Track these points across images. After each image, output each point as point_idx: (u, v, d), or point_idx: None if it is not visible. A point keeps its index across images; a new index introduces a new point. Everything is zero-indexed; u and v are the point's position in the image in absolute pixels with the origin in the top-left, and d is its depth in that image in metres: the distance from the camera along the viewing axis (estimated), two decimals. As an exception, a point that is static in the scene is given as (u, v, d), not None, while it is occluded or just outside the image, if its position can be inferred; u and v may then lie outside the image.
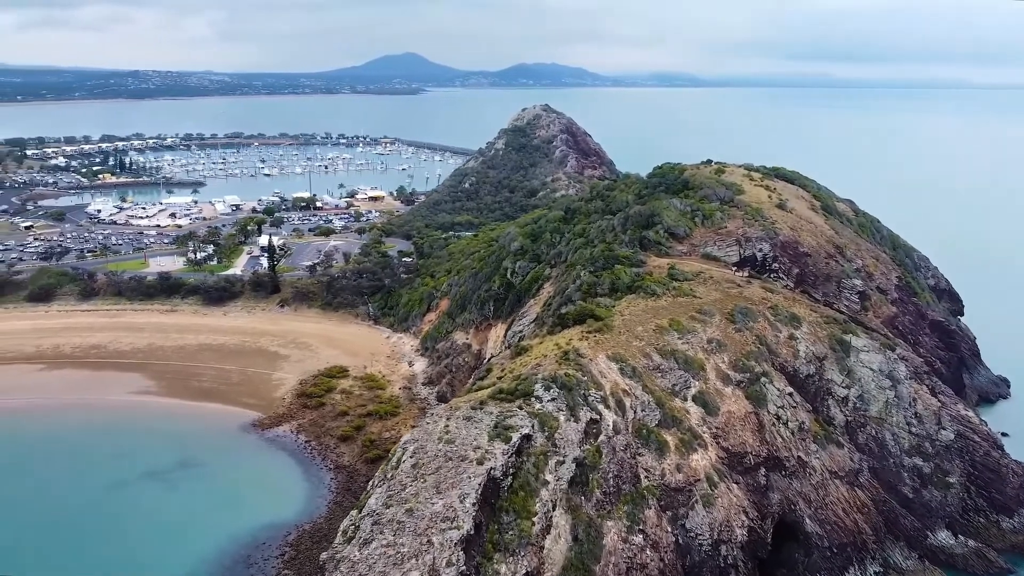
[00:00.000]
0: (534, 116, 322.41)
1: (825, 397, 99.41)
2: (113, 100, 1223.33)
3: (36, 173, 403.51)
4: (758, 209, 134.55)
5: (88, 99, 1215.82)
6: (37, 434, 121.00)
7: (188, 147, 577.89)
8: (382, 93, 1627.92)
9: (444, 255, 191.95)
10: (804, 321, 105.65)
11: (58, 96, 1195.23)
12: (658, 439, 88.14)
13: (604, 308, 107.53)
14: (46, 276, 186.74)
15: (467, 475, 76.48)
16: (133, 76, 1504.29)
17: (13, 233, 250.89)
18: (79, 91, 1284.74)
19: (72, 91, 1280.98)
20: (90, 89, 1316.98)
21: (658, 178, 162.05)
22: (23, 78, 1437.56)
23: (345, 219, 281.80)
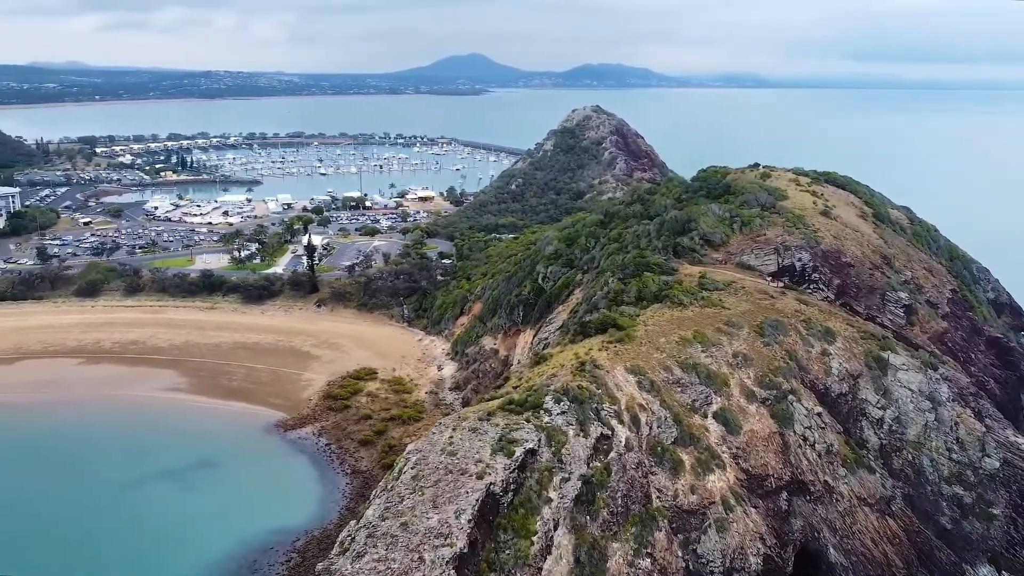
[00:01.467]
0: (584, 117, 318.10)
1: (858, 418, 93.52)
2: (185, 100, 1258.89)
3: (103, 170, 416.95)
4: (800, 216, 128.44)
5: (162, 99, 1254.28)
6: (63, 429, 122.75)
7: (250, 146, 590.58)
8: (445, 94, 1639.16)
9: (482, 257, 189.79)
10: (839, 336, 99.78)
11: (133, 96, 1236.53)
12: (673, 458, 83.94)
13: (627, 317, 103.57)
14: (94, 271, 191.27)
15: (465, 490, 73.80)
16: (205, 77, 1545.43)
17: (72, 228, 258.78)
18: (154, 91, 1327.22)
19: (147, 91, 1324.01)
20: (164, 89, 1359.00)
21: (700, 182, 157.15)
22: (103, 78, 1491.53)
23: (393, 219, 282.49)
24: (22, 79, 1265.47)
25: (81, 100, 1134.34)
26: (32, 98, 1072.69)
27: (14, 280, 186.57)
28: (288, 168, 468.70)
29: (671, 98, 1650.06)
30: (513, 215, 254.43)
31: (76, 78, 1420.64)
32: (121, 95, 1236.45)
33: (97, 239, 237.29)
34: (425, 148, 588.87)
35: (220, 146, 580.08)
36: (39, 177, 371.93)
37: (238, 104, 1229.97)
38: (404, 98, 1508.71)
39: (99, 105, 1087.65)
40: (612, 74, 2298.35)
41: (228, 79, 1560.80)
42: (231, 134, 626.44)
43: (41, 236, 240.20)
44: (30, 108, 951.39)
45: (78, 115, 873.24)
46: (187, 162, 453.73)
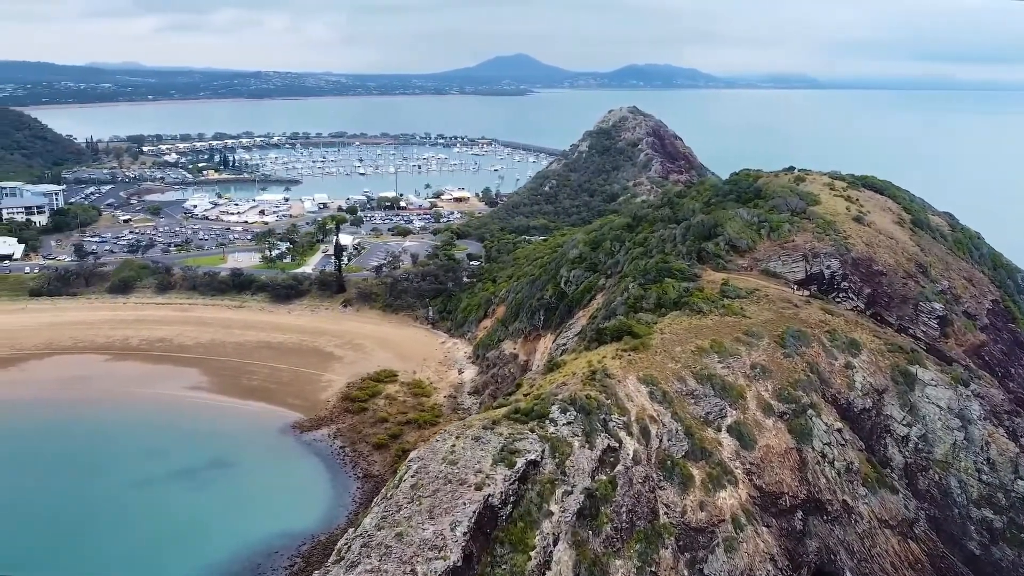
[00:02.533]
0: (620, 118, 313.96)
1: (882, 435, 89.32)
2: (235, 100, 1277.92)
3: (147, 169, 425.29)
4: (831, 222, 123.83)
5: (212, 99, 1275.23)
6: (84, 425, 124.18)
7: (293, 145, 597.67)
8: (489, 94, 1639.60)
9: (509, 260, 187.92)
10: (864, 348, 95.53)
11: (184, 96, 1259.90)
12: (683, 472, 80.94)
13: (643, 325, 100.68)
14: (128, 269, 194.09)
15: (462, 501, 71.90)
16: (255, 77, 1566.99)
17: (112, 226, 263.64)
18: (204, 91, 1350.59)
19: (198, 91, 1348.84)
20: (215, 89, 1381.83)
21: (730, 185, 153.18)
22: (157, 78, 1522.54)
23: (426, 220, 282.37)
24: (80, 79, 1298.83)
25: (135, 100, 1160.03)
26: (88, 98, 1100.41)
27: (50, 276, 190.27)
28: (328, 168, 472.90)
29: (718, 99, 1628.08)
30: (545, 217, 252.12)
31: (131, 78, 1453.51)
32: (173, 95, 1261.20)
33: (134, 236, 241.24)
34: (465, 149, 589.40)
35: (264, 145, 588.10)
36: (86, 175, 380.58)
37: (285, 104, 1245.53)
38: (448, 98, 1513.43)
39: (151, 105, 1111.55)
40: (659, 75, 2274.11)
41: (277, 79, 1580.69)
42: (275, 133, 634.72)
43: (81, 233, 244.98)
44: (85, 107, 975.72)
45: (130, 114, 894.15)
46: (229, 161, 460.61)
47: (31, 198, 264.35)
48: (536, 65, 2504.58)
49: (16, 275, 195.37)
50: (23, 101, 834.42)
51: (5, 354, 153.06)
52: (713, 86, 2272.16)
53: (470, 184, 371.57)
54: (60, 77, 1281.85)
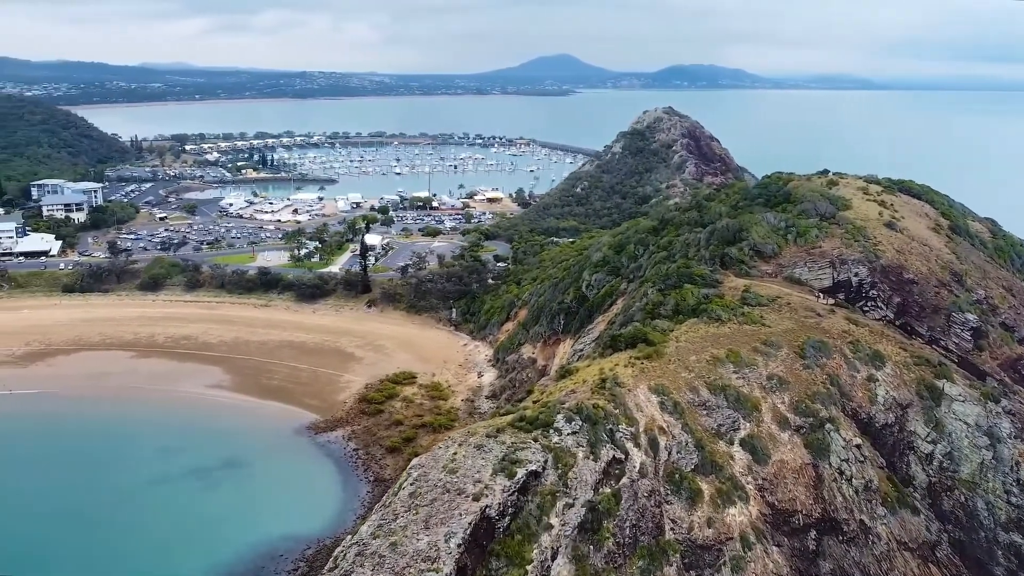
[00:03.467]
0: (655, 119, 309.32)
1: (905, 452, 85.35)
2: (279, 100, 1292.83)
3: (188, 167, 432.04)
4: (861, 227, 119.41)
5: (257, 98, 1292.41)
6: (105, 422, 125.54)
7: (332, 145, 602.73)
8: (531, 94, 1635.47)
9: (535, 262, 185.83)
10: (889, 361, 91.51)
11: (230, 95, 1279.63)
12: (691, 487, 78.08)
13: (658, 332, 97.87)
14: (158, 266, 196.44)
15: (459, 511, 70.24)
16: (300, 77, 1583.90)
17: (149, 223, 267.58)
18: (250, 91, 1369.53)
19: (244, 91, 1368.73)
20: (260, 89, 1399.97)
21: (760, 189, 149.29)
22: (205, 78, 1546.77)
23: (457, 220, 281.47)
24: (131, 79, 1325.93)
25: (182, 99, 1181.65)
26: (138, 97, 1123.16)
27: (84, 273, 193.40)
28: (365, 167, 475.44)
29: (763, 100, 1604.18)
30: (576, 218, 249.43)
31: (180, 78, 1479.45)
32: (220, 95, 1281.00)
33: (169, 234, 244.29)
34: (502, 149, 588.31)
35: (304, 145, 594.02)
36: (128, 173, 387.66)
37: (329, 104, 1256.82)
38: (490, 99, 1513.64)
39: (198, 104, 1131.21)
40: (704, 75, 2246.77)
41: (321, 79, 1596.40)
42: (315, 133, 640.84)
43: (118, 230, 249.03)
44: (135, 107, 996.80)
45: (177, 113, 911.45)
46: (267, 160, 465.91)
47: (71, 195, 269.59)
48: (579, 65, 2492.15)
49: (51, 271, 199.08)
50: (76, 100, 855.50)
51: (35, 349, 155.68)
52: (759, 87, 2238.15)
53: (506, 184, 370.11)
54: (113, 77, 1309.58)
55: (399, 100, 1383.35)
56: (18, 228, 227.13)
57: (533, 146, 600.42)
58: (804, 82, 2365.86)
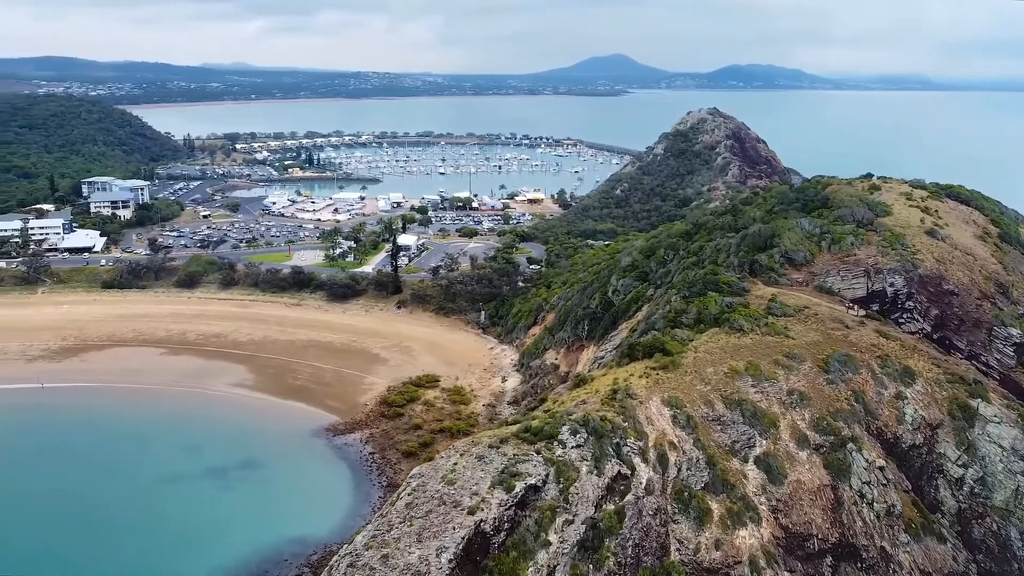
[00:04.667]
0: (698, 120, 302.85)
1: (933, 476, 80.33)
2: (333, 99, 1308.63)
3: (237, 165, 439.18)
4: (900, 235, 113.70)
5: (312, 98, 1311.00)
6: (127, 418, 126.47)
7: (380, 144, 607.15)
8: (583, 95, 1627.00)
9: (567, 265, 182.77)
10: (919, 377, 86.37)
11: (286, 95, 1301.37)
12: (700, 506, 74.60)
13: (677, 342, 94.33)
14: (195, 264, 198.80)
15: (452, 525, 68.16)
16: (355, 77, 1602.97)
17: (192, 221, 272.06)
18: (305, 91, 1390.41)
19: (299, 91, 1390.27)
20: (315, 89, 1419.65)
21: (797, 193, 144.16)
22: (264, 78, 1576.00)
23: (496, 221, 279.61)
24: (192, 79, 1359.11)
25: (239, 99, 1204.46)
26: (197, 97, 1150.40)
27: (123, 269, 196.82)
28: (410, 167, 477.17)
29: (822, 101, 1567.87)
30: (614, 221, 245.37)
31: (239, 78, 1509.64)
32: (275, 94, 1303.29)
33: (210, 232, 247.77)
34: (549, 149, 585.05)
35: (351, 144, 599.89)
36: (178, 171, 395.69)
37: (381, 104, 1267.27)
38: (541, 99, 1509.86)
39: (254, 104, 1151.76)
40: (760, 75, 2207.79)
41: (375, 79, 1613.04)
42: (363, 132, 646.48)
43: (161, 227, 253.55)
44: (193, 106, 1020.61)
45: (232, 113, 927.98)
46: (314, 159, 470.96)
47: (118, 193, 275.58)
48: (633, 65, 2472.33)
49: (92, 267, 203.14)
50: (137, 100, 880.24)
51: (70, 344, 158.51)
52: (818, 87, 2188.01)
53: (550, 185, 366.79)
54: (175, 77, 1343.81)
55: (451, 100, 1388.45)
56: (65, 225, 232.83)
57: (580, 147, 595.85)
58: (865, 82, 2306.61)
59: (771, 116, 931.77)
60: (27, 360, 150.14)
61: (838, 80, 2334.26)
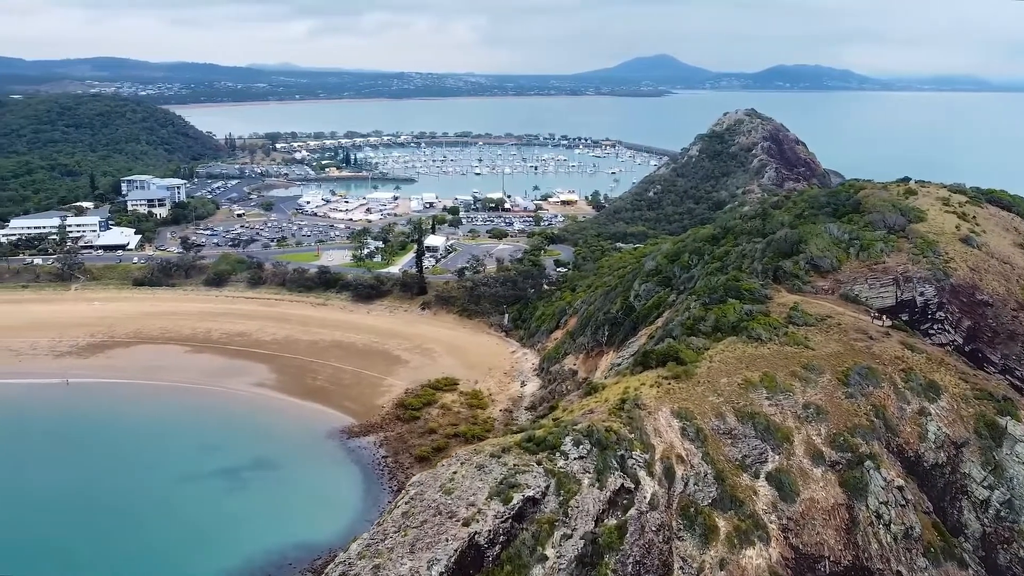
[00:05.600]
0: (735, 121, 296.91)
1: (957, 497, 76.21)
2: (376, 100, 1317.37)
3: (276, 165, 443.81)
4: (932, 242, 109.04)
5: (355, 98, 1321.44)
6: (147, 416, 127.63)
7: (418, 144, 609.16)
8: (626, 95, 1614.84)
9: (592, 268, 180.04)
10: (945, 393, 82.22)
11: (329, 95, 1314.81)
12: (706, 523, 71.79)
13: (691, 351, 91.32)
14: (224, 262, 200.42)
15: (446, 536, 66.54)
16: (398, 78, 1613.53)
17: (227, 220, 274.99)
18: (349, 91, 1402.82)
19: (343, 91, 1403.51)
20: (359, 89, 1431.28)
21: (828, 197, 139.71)
22: (309, 79, 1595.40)
23: (527, 222, 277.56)
24: (239, 79, 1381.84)
25: (283, 99, 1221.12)
26: (243, 97, 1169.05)
27: (154, 267, 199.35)
28: (446, 167, 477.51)
29: (871, 102, 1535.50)
30: (645, 224, 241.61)
31: (285, 79, 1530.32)
32: (319, 95, 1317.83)
33: (242, 231, 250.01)
34: (587, 150, 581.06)
35: (390, 144, 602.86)
36: (217, 170, 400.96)
37: (423, 104, 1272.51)
38: (583, 99, 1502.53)
39: (297, 104, 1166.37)
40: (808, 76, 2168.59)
41: (418, 80, 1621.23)
42: (402, 132, 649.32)
43: (196, 226, 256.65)
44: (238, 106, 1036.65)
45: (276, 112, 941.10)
46: (351, 159, 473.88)
47: (155, 191, 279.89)
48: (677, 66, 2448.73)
49: (125, 265, 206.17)
50: (185, 99, 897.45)
51: (98, 340, 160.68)
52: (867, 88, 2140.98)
53: (586, 186, 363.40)
54: (223, 77, 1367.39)
55: (492, 101, 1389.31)
56: (101, 222, 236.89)
57: (618, 147, 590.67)
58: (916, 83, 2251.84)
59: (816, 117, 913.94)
60: (55, 356, 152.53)
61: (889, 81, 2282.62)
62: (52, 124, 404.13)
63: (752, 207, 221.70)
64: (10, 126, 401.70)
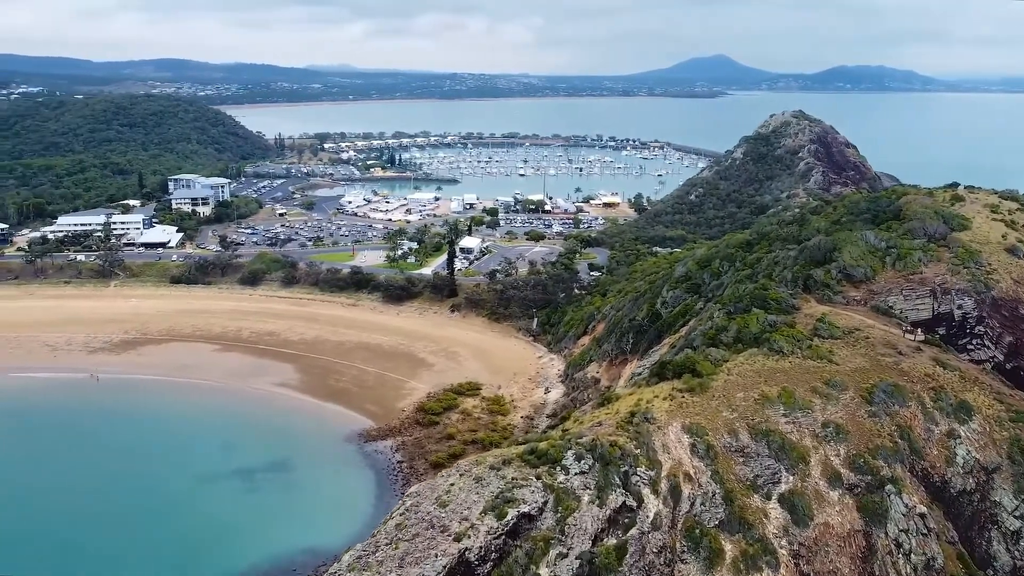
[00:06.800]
0: (781, 123, 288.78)
1: (986, 527, 71.23)
2: (428, 100, 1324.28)
3: (322, 164, 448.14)
4: (974, 252, 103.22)
5: (407, 99, 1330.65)
6: (170, 414, 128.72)
7: (464, 145, 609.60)
8: (679, 96, 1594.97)
9: (625, 272, 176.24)
10: (977, 414, 77.05)
11: (382, 96, 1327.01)
12: (712, 545, 68.30)
13: (709, 363, 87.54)
14: (260, 261, 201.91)
15: (436, 551, 64.62)
16: (451, 79, 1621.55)
17: (268, 219, 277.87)
18: (401, 92, 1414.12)
19: (395, 92, 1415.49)
20: (411, 90, 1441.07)
21: (869, 203, 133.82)
22: (364, 80, 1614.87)
23: (567, 225, 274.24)
24: (296, 80, 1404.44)
25: (337, 100, 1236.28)
26: (298, 97, 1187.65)
27: (191, 265, 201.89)
28: (491, 168, 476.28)
29: (935, 103, 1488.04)
30: (685, 227, 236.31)
31: (341, 80, 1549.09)
32: (372, 95, 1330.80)
33: (282, 230, 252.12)
34: (635, 152, 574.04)
35: (437, 144, 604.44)
36: (264, 169, 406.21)
37: (473, 105, 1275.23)
38: (635, 100, 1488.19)
39: (350, 104, 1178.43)
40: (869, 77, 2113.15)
41: (471, 81, 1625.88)
42: (449, 133, 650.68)
43: (238, 224, 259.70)
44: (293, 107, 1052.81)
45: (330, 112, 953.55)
46: (395, 159, 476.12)
47: (199, 190, 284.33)
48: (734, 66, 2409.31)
49: (163, 262, 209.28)
50: (242, 100, 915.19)
51: (130, 337, 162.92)
52: (932, 89, 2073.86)
53: (631, 188, 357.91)
54: (280, 78, 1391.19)
55: (544, 101, 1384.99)
56: (145, 220, 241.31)
57: (667, 149, 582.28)
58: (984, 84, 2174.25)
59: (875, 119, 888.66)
60: (88, 352, 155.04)
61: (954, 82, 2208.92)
62: (107, 124, 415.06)
63: (792, 212, 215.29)
64: (68, 125, 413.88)
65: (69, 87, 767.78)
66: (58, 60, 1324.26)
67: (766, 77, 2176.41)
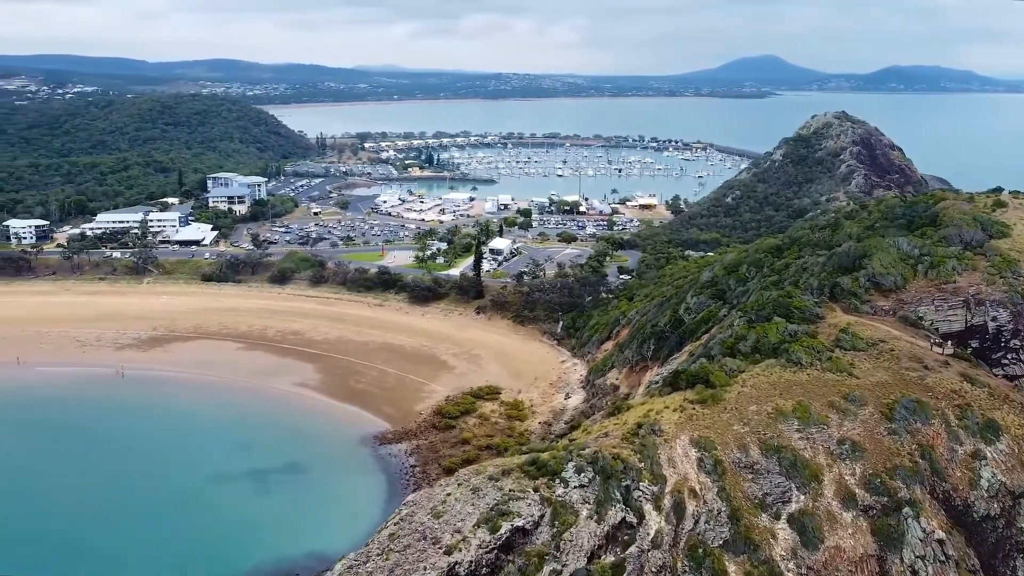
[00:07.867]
0: (823, 124, 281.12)
1: (1011, 555, 67.11)
2: (472, 100, 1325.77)
3: (361, 164, 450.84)
4: (1013, 261, 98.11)
5: (452, 99, 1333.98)
6: (189, 412, 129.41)
7: (504, 145, 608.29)
8: (727, 96, 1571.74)
9: (654, 276, 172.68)
10: (1006, 434, 72.71)
11: (426, 96, 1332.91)
12: (715, 566, 65.51)
13: (724, 373, 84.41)
14: (290, 260, 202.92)
15: (425, 564, 63.29)
16: (495, 79, 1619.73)
17: (303, 218, 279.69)
18: (446, 92, 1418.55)
19: (440, 92, 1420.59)
20: (456, 90, 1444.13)
21: (905, 208, 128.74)
22: (410, 80, 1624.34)
23: (601, 226, 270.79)
24: (343, 80, 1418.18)
25: (382, 99, 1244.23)
26: (344, 97, 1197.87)
27: (223, 264, 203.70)
28: (529, 168, 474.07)
29: (993, 104, 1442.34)
30: (720, 231, 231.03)
31: (387, 79, 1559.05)
32: (417, 95, 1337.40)
33: (315, 229, 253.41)
34: (676, 153, 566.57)
35: (476, 144, 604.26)
36: (304, 168, 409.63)
37: (517, 105, 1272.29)
38: (680, 100, 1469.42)
39: (395, 104, 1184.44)
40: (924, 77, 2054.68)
41: (515, 81, 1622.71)
42: (490, 133, 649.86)
43: (272, 223, 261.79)
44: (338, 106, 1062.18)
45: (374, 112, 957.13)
46: (434, 159, 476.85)
47: (236, 188, 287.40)
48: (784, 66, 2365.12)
49: (196, 260, 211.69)
50: (288, 100, 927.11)
51: (158, 334, 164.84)
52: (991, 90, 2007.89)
53: (671, 190, 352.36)
54: (328, 78, 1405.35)
55: (588, 102, 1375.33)
56: (181, 218, 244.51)
57: (709, 150, 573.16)
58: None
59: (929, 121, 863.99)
60: (117, 348, 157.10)
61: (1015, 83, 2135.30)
62: (153, 122, 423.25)
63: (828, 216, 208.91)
64: (115, 124, 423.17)
65: (123, 87, 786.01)
66: (115, 60, 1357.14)
67: (817, 77, 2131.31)
